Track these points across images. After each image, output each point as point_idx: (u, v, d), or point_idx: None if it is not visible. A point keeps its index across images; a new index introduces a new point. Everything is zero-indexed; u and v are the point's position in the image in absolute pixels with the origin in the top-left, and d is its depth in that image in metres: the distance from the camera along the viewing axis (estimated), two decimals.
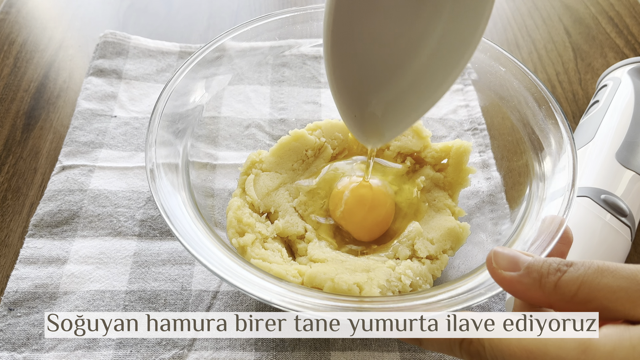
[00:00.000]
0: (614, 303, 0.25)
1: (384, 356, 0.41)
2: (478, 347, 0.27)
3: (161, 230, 0.48)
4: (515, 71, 0.44)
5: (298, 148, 0.48)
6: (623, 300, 0.25)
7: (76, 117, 0.56)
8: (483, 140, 0.53)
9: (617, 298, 0.25)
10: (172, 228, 0.34)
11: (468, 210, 0.48)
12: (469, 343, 0.28)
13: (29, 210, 0.50)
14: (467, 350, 0.28)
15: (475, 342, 0.27)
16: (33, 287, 0.43)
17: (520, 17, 0.75)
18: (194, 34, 0.69)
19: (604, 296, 0.25)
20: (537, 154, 0.41)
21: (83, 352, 0.40)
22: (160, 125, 0.40)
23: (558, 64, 0.68)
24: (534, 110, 0.42)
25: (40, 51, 0.65)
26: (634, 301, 0.25)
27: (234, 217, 0.42)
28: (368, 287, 0.38)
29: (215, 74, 0.47)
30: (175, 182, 0.39)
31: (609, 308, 0.25)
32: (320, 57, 0.62)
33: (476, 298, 0.31)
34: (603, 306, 0.25)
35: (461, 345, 0.28)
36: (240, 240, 0.40)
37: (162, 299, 0.44)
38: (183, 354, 0.41)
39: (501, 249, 0.29)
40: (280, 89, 0.58)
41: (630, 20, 0.74)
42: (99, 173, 0.51)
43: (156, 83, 0.61)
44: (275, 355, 0.41)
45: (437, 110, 0.57)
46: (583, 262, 0.26)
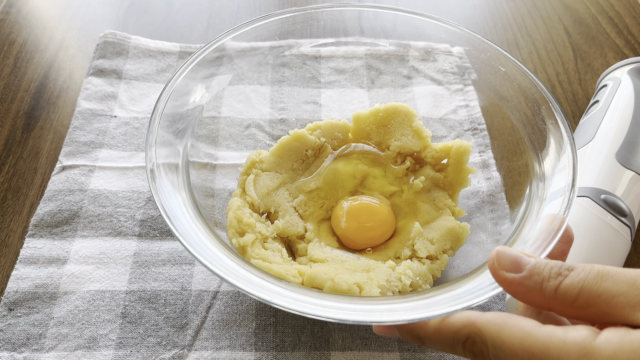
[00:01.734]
0: (614, 308, 0.25)
1: (383, 356, 0.41)
2: (481, 347, 0.27)
3: (161, 230, 0.48)
4: (515, 71, 0.44)
5: (298, 148, 0.48)
6: (623, 305, 0.25)
7: (76, 117, 0.56)
8: (483, 140, 0.53)
9: (617, 303, 0.25)
10: (172, 228, 0.34)
11: (468, 210, 0.48)
12: (472, 343, 0.28)
13: (29, 210, 0.50)
14: (470, 350, 0.28)
15: (478, 341, 0.27)
16: (33, 287, 0.43)
17: (520, 17, 0.75)
18: (194, 34, 0.69)
19: (604, 301, 0.25)
20: (537, 154, 0.41)
21: (83, 352, 0.40)
22: (160, 125, 0.40)
23: (558, 64, 0.68)
24: (534, 110, 0.42)
25: (40, 51, 0.65)
26: (633, 305, 0.25)
27: (234, 217, 0.42)
28: (368, 287, 0.38)
29: (215, 74, 0.47)
30: (176, 182, 0.39)
31: (609, 313, 0.25)
32: (320, 57, 0.62)
33: (476, 298, 0.31)
34: (603, 311, 0.25)
35: (464, 345, 0.28)
36: (241, 240, 0.41)
37: (162, 299, 0.44)
38: (183, 354, 0.41)
39: (503, 249, 0.29)
40: (280, 89, 0.58)
41: (630, 20, 0.74)
42: (99, 173, 0.51)
43: (156, 83, 0.61)
44: (275, 355, 0.41)
45: (437, 110, 0.57)
46: (584, 266, 0.26)
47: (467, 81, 0.59)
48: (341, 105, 0.59)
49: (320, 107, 0.58)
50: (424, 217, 0.45)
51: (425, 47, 0.53)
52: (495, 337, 0.27)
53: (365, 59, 0.62)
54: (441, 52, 0.53)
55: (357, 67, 0.62)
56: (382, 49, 0.60)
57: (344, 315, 0.31)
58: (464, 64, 0.51)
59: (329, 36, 0.53)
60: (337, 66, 0.62)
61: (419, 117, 0.49)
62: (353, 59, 0.63)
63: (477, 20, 0.74)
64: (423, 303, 0.32)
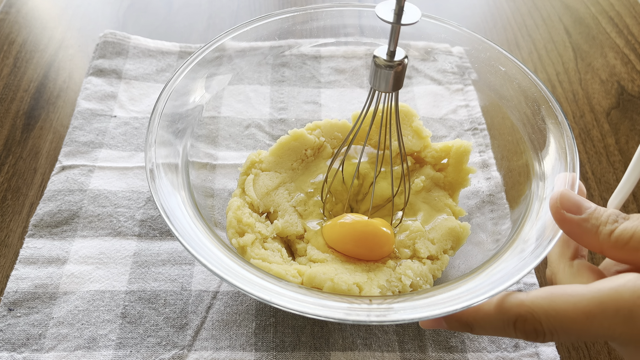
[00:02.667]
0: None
1: (384, 356, 0.41)
2: (534, 324, 0.28)
3: (161, 230, 0.48)
4: (515, 71, 0.44)
5: (297, 148, 0.48)
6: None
7: (76, 117, 0.56)
8: (483, 140, 0.53)
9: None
10: (172, 228, 0.34)
11: (468, 210, 0.48)
12: (524, 321, 0.28)
13: (29, 211, 0.50)
14: (522, 330, 0.28)
15: (530, 318, 0.28)
16: (33, 287, 0.43)
17: (520, 17, 0.75)
18: (194, 34, 0.69)
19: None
20: (537, 154, 0.41)
21: (83, 352, 0.40)
22: (160, 125, 0.40)
23: (558, 64, 0.68)
24: (534, 110, 0.42)
25: (40, 51, 0.65)
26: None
27: (233, 217, 0.42)
28: (368, 287, 0.38)
29: (215, 74, 0.47)
30: (175, 182, 0.39)
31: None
32: (320, 57, 0.62)
33: (476, 298, 0.31)
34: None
35: (515, 325, 0.28)
36: (240, 241, 0.40)
37: (162, 299, 0.44)
38: (183, 354, 0.41)
39: (567, 191, 0.31)
40: (280, 89, 0.58)
41: (630, 20, 0.74)
42: (99, 173, 0.51)
43: (156, 83, 0.61)
44: (275, 355, 0.41)
45: (437, 110, 0.57)
46: (639, 215, 0.29)
47: (467, 81, 0.59)
48: (341, 105, 0.59)
49: (320, 107, 0.58)
50: (424, 217, 0.45)
51: (425, 47, 0.53)
52: (548, 310, 0.27)
53: (365, 59, 0.62)
54: (441, 52, 0.52)
55: (357, 67, 0.62)
56: None
57: (343, 315, 0.31)
58: (464, 63, 0.51)
59: (329, 36, 0.53)
60: (337, 66, 0.62)
61: (419, 117, 0.49)
62: (353, 58, 0.62)
63: (477, 20, 0.74)
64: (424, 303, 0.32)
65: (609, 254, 0.30)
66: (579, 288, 0.27)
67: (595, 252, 0.32)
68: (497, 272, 0.33)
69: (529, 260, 0.32)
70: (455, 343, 0.42)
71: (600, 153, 0.58)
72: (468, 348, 0.42)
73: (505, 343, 0.42)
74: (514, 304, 0.28)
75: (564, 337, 0.27)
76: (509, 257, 0.35)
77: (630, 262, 0.30)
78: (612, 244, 0.29)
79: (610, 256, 0.30)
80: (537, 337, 0.28)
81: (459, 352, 0.42)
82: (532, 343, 0.42)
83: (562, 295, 0.27)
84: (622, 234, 0.29)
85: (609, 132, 0.60)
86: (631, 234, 0.28)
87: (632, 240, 0.28)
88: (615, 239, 0.29)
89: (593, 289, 0.27)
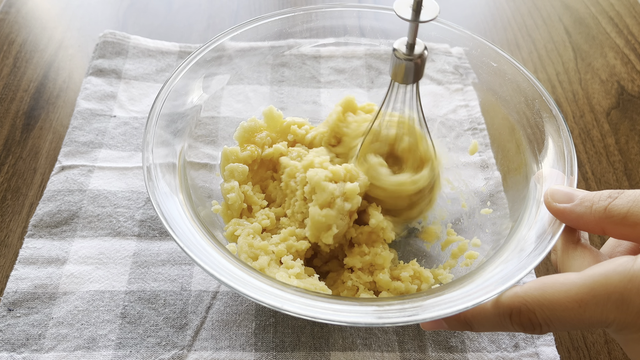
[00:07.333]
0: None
1: (384, 356, 0.41)
2: (529, 315, 0.28)
3: (161, 230, 0.48)
4: (514, 71, 0.44)
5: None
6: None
7: (75, 117, 0.56)
8: (483, 140, 0.53)
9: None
10: (169, 229, 0.34)
11: (468, 210, 0.48)
12: (519, 313, 0.28)
13: (29, 211, 0.50)
14: (518, 322, 0.28)
15: (524, 310, 0.28)
16: (32, 288, 0.43)
17: (520, 17, 0.74)
18: (194, 34, 0.69)
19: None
20: (536, 154, 0.41)
21: (83, 353, 0.40)
22: (158, 125, 0.40)
23: (558, 64, 0.68)
24: (533, 110, 0.42)
25: (40, 51, 0.65)
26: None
27: (244, 242, 0.41)
28: None
29: (215, 74, 0.47)
30: (173, 182, 0.39)
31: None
32: (320, 57, 0.62)
33: (476, 298, 0.31)
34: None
35: (511, 318, 0.29)
36: (256, 265, 0.39)
37: (161, 299, 0.44)
38: (183, 354, 0.41)
39: (556, 186, 0.32)
40: (280, 88, 0.58)
41: (630, 20, 0.74)
42: (99, 173, 0.51)
43: (156, 83, 0.61)
44: (275, 355, 0.41)
45: (437, 110, 0.57)
46: (634, 191, 0.29)
47: (466, 81, 0.59)
48: None
49: (320, 107, 0.58)
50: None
51: None
52: (540, 300, 0.27)
53: (365, 59, 0.62)
54: (441, 52, 0.52)
55: (357, 67, 0.62)
56: (382, 49, 0.60)
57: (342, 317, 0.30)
58: (463, 64, 0.51)
59: (329, 36, 0.53)
60: (336, 66, 0.62)
61: None
62: (353, 59, 0.62)
63: (477, 20, 0.74)
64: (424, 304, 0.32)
65: (610, 232, 0.30)
66: (571, 276, 0.27)
67: (599, 234, 0.32)
68: (497, 272, 0.33)
69: (529, 260, 0.32)
70: (455, 343, 0.42)
71: (600, 153, 0.58)
72: (468, 348, 0.42)
73: (505, 343, 0.42)
74: (508, 297, 0.29)
75: (560, 326, 0.27)
76: (509, 257, 0.34)
77: (633, 239, 0.29)
78: (609, 220, 0.29)
79: (612, 234, 0.30)
80: (534, 328, 0.28)
81: (459, 352, 0.42)
82: (531, 343, 0.42)
83: (554, 285, 0.27)
84: (616, 207, 0.29)
85: (609, 132, 0.60)
86: (627, 208, 0.28)
87: (629, 215, 0.28)
88: (610, 213, 0.29)
89: (584, 276, 0.27)
